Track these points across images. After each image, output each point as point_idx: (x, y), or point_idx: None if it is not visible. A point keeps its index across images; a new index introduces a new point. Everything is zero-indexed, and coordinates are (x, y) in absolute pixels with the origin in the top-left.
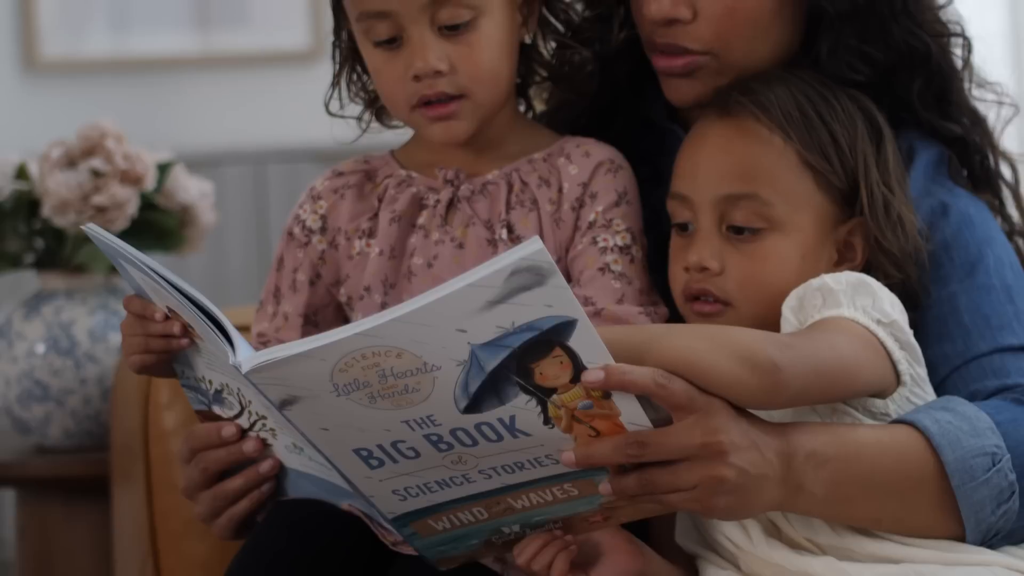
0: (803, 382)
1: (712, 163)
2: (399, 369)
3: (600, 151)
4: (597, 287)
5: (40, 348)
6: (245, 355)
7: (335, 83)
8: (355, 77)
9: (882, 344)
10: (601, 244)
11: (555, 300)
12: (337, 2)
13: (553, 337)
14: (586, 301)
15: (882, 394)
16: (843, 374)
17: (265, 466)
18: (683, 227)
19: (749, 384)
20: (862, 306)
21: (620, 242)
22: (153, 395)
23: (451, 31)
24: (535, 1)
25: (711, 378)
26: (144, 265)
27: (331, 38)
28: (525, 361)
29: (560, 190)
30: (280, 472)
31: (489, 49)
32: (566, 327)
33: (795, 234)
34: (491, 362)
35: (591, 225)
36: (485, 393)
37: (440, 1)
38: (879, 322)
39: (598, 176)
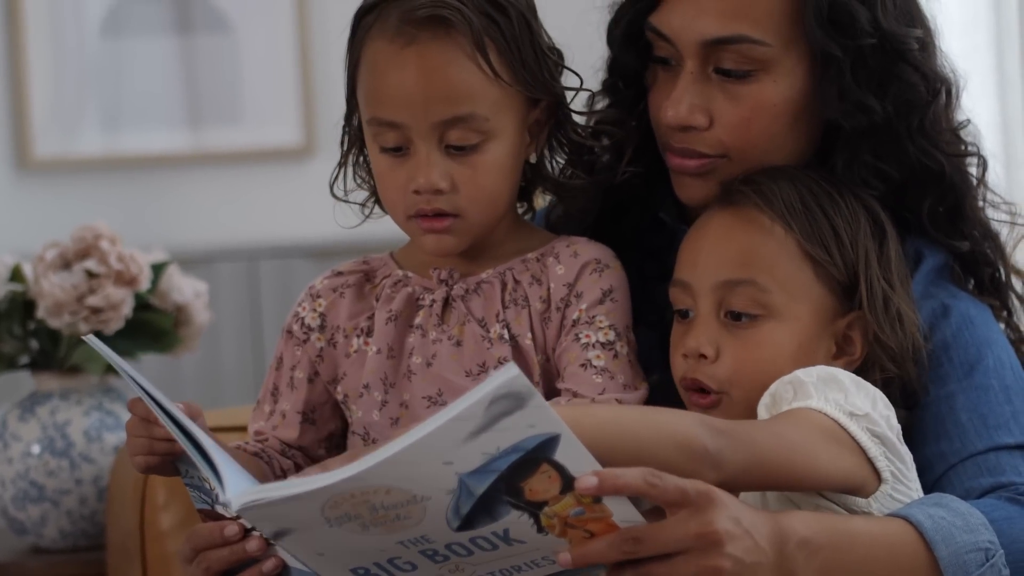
0: (740, 467)
1: (713, 250)
2: (389, 502)
3: (588, 251)
4: (579, 381)
5: (35, 449)
6: (235, 492)
7: (341, 166)
8: (361, 161)
9: (852, 437)
10: (583, 340)
11: (537, 420)
12: (352, 89)
13: (539, 455)
14: (573, 395)
15: (862, 491)
16: (789, 462)
17: (268, 565)
18: (684, 314)
19: (685, 469)
20: (833, 399)
21: (603, 338)
22: (149, 495)
23: (458, 151)
24: (545, 123)
25: (653, 465)
26: (142, 389)
27: (323, 135)
28: (514, 481)
29: (548, 289)
30: (282, 571)
31: (493, 173)
32: (550, 443)
33: (792, 323)
34: (480, 487)
35: (575, 323)
36: (477, 514)
37: (452, 122)
38: (851, 415)
39: (584, 276)
